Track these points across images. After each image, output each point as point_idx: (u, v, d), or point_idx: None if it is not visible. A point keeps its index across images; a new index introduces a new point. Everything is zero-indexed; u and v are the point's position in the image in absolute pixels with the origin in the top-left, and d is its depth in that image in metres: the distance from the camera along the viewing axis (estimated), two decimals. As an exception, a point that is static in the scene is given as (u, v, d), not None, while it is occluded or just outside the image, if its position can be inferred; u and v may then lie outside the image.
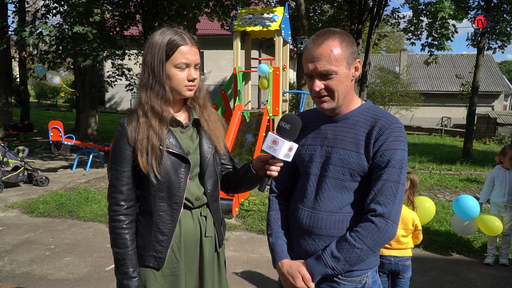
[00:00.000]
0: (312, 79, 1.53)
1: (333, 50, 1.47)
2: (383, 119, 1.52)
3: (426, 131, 24.78)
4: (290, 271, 1.55)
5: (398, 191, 1.46)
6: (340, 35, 1.51)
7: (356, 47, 1.58)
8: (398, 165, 1.46)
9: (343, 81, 1.51)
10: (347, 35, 1.53)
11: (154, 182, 1.59)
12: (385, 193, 1.45)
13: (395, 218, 1.46)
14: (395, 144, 1.48)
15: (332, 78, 1.49)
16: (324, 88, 1.51)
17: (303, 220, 1.59)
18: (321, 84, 1.51)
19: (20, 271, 3.95)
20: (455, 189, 8.12)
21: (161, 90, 1.58)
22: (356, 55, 1.54)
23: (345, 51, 1.49)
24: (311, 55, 1.50)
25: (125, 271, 1.59)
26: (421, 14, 11.03)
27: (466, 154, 13.01)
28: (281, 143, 1.50)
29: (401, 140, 1.49)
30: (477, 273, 4.12)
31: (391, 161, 1.46)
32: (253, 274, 3.99)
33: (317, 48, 1.49)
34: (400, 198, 1.47)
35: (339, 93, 1.52)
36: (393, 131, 1.49)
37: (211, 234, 1.73)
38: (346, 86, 1.53)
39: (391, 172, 1.46)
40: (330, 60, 1.47)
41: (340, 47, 1.48)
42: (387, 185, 1.45)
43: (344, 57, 1.49)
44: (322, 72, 1.49)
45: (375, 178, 1.49)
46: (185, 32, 1.60)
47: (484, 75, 28.23)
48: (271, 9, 8.32)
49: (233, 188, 1.86)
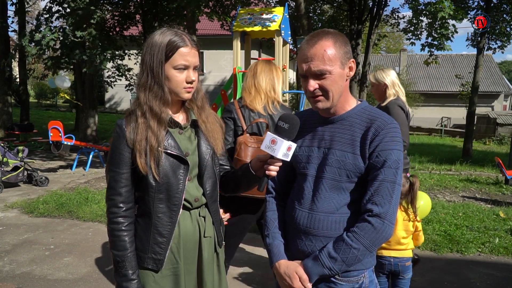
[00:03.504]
0: (306, 79, 1.54)
1: (326, 50, 1.48)
2: (379, 120, 1.53)
3: (426, 131, 24.80)
4: (287, 272, 1.55)
5: (394, 191, 1.47)
6: (333, 35, 1.52)
7: (350, 47, 1.59)
8: (394, 165, 1.47)
9: (337, 80, 1.52)
10: (340, 35, 1.55)
11: (153, 183, 1.58)
12: (382, 193, 1.46)
13: (392, 218, 1.47)
14: (390, 145, 1.48)
15: (326, 78, 1.50)
16: (318, 88, 1.52)
17: (300, 220, 1.59)
18: (316, 84, 1.52)
19: (19, 271, 3.95)
20: (455, 189, 8.12)
21: (160, 91, 1.57)
22: (350, 55, 1.55)
23: (338, 51, 1.50)
24: (305, 55, 1.52)
25: (125, 273, 1.58)
26: (420, 14, 11.02)
27: (466, 154, 13.02)
28: (279, 143, 1.51)
29: (397, 141, 1.50)
30: (477, 273, 4.12)
31: (387, 161, 1.47)
32: (252, 275, 3.99)
33: (310, 48, 1.50)
34: (397, 198, 1.48)
35: (334, 92, 1.52)
36: (388, 132, 1.50)
37: (210, 234, 1.73)
38: (341, 86, 1.54)
39: (387, 172, 1.47)
40: (323, 60, 1.48)
41: (333, 47, 1.49)
42: (383, 186, 1.46)
43: (338, 57, 1.50)
44: (316, 72, 1.50)
45: (371, 179, 1.50)
46: (185, 33, 1.60)
47: (484, 75, 28.21)
48: (271, 9, 8.31)
49: (232, 188, 1.86)
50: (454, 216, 5.81)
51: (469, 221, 5.58)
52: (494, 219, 5.74)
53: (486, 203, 6.99)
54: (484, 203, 7.03)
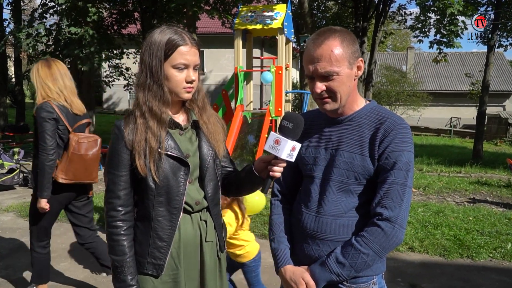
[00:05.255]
0: (313, 81, 1.53)
1: (333, 50, 1.46)
2: (388, 120, 1.52)
3: (434, 132, 24.75)
4: (293, 278, 1.55)
5: (405, 194, 1.46)
6: (340, 34, 1.50)
7: (358, 45, 1.57)
8: (405, 167, 1.46)
9: (345, 81, 1.50)
10: (348, 33, 1.53)
11: (152, 186, 1.58)
12: (392, 196, 1.45)
13: (403, 222, 1.46)
14: (401, 146, 1.47)
15: (334, 79, 1.48)
16: (325, 90, 1.51)
17: (307, 224, 1.59)
18: (323, 86, 1.50)
19: (15, 276, 3.96)
20: (465, 192, 8.09)
21: (160, 91, 1.57)
22: (358, 53, 1.53)
23: (346, 50, 1.48)
24: (311, 56, 1.50)
25: (123, 279, 1.58)
26: (428, 10, 11.02)
27: (476, 156, 12.97)
28: (283, 143, 1.49)
29: (407, 142, 1.49)
30: (488, 279, 4.10)
31: (397, 163, 1.46)
32: (255, 280, 3.98)
33: (317, 48, 1.48)
34: (407, 201, 1.47)
35: (341, 94, 1.51)
36: (399, 132, 1.49)
37: (211, 239, 1.72)
38: (349, 87, 1.52)
39: (397, 174, 1.46)
40: (330, 61, 1.46)
41: (341, 47, 1.47)
42: (393, 188, 1.45)
43: (345, 56, 1.48)
44: (323, 74, 1.48)
45: (380, 181, 1.49)
46: (185, 31, 1.59)
47: (495, 73, 28.14)
48: (273, 6, 8.32)
49: (235, 191, 1.86)
50: (464, 220, 5.79)
51: (480, 225, 5.55)
52: (506, 223, 5.70)
53: (497, 207, 6.96)
54: (495, 206, 7.00)
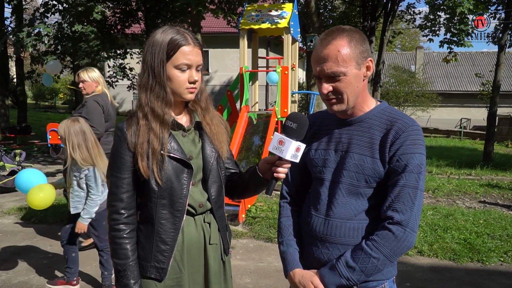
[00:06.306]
0: (320, 81, 1.52)
1: (340, 50, 1.45)
2: (399, 122, 1.51)
3: (444, 133, 24.60)
4: (303, 281, 1.54)
5: (417, 197, 1.45)
6: (349, 33, 1.49)
7: (368, 44, 1.56)
8: (416, 170, 1.45)
9: (353, 82, 1.49)
10: (357, 32, 1.51)
11: (155, 188, 1.58)
12: (403, 199, 1.44)
13: (414, 226, 1.45)
14: (412, 148, 1.46)
15: (341, 80, 1.48)
16: (332, 91, 1.50)
17: (316, 227, 1.58)
18: (329, 87, 1.50)
19: (16, 280, 3.98)
20: (475, 195, 8.04)
21: (162, 92, 1.57)
22: (367, 53, 1.52)
23: (354, 50, 1.47)
24: (318, 56, 1.49)
25: (126, 283, 1.58)
26: (438, 9, 10.98)
27: (487, 158, 12.88)
28: (287, 143, 1.49)
29: (419, 144, 1.48)
30: (499, 284, 4.07)
31: (409, 165, 1.45)
32: (260, 285, 3.98)
33: (323, 48, 1.47)
34: (419, 204, 1.46)
35: (349, 95, 1.50)
36: (410, 134, 1.47)
37: (215, 241, 1.72)
38: (357, 87, 1.51)
39: (409, 177, 1.45)
40: (337, 61, 1.45)
41: (348, 47, 1.46)
42: (404, 191, 1.44)
43: (353, 56, 1.47)
44: (329, 74, 1.47)
45: (391, 184, 1.48)
46: (188, 31, 1.59)
47: (506, 73, 27.97)
48: (279, 5, 8.32)
49: (239, 193, 1.85)
50: (474, 223, 5.75)
51: (490, 228, 5.52)
52: (517, 227, 5.67)
53: (508, 210, 6.91)
54: (506, 209, 6.95)
